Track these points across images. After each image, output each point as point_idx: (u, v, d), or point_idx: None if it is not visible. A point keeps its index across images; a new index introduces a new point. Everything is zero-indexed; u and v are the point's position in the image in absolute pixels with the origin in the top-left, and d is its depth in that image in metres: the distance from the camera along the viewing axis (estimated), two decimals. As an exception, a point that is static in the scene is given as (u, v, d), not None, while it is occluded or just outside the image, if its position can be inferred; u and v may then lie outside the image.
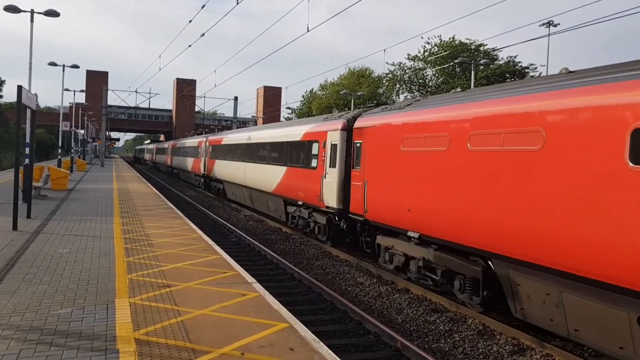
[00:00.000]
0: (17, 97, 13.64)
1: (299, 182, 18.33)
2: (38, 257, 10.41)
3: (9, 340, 5.97)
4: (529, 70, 47.91)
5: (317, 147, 16.89)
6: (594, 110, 7.23)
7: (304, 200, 17.78)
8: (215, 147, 33.08)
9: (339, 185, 15.17)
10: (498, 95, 9.51)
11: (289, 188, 19.22)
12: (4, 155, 63.37)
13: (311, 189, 16.92)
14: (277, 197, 20.82)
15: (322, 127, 17.00)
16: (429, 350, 8.60)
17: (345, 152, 15.23)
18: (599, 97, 7.20)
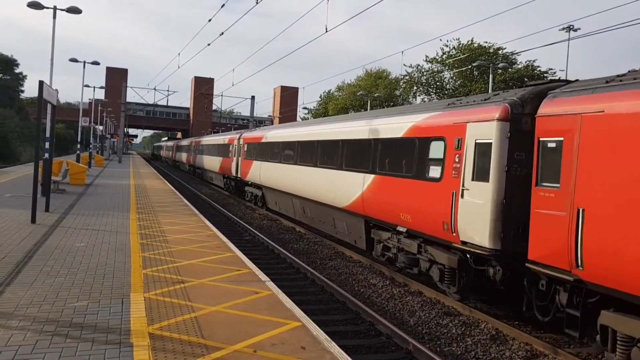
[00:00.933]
0: (38, 92, 13.86)
1: (401, 198, 12.53)
2: (55, 250, 10.57)
3: (25, 331, 6.08)
4: (547, 74, 47.49)
5: (442, 148, 11.15)
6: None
7: (411, 226, 12.12)
8: (253, 146, 27.02)
9: (496, 210, 9.53)
10: None
11: (380, 205, 13.52)
12: (24, 149, 64.28)
13: (430, 210, 11.26)
14: (354, 216, 15.23)
15: (452, 116, 11.21)
16: (441, 353, 8.57)
17: (507, 156, 9.65)
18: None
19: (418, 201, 11.78)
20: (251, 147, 27.40)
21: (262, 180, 24.59)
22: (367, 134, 14.68)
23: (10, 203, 17.18)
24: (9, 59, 75.10)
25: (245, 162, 28.12)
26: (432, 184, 11.33)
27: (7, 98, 70.83)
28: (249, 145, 27.95)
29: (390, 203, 12.97)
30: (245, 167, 28.02)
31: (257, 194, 26.95)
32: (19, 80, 78.33)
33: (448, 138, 11.03)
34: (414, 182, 12.00)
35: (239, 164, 29.58)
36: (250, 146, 27.66)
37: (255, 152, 26.36)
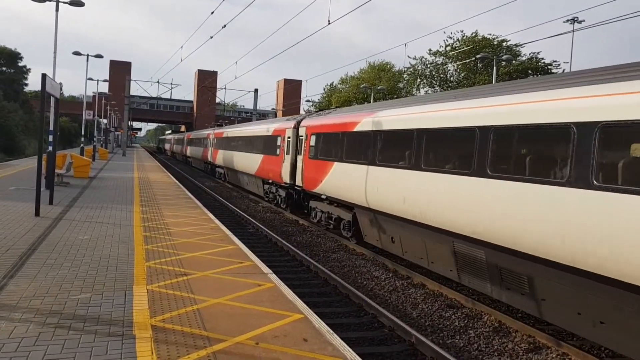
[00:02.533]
0: (41, 85, 13.86)
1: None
2: (59, 243, 10.59)
3: (28, 323, 6.10)
4: (552, 66, 47.23)
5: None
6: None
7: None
8: (333, 138, 16.97)
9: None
10: None
11: None
12: (28, 142, 64.43)
13: None
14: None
15: None
16: (444, 345, 8.57)
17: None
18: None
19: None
20: (327, 140, 17.53)
21: (356, 194, 14.64)
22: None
23: (15, 196, 17.23)
24: (12, 53, 75.17)
25: (313, 164, 18.58)
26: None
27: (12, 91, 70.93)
28: (323, 137, 18.02)
29: None
30: (313, 171, 18.41)
31: (341, 218, 16.81)
32: (23, 74, 78.43)
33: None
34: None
35: (299, 166, 20.11)
36: (324, 139, 17.87)
37: (339, 149, 16.26)
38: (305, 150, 19.33)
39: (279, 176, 22.39)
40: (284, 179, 21.73)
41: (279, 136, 23.14)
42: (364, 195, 14.05)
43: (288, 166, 21.28)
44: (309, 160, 18.90)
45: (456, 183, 10.26)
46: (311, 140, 18.88)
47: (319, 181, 17.66)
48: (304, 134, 19.94)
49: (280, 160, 22.41)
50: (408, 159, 12.22)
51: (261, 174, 25.84)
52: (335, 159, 16.45)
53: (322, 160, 17.61)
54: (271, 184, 24.77)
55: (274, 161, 23.37)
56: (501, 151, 9.32)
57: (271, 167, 23.83)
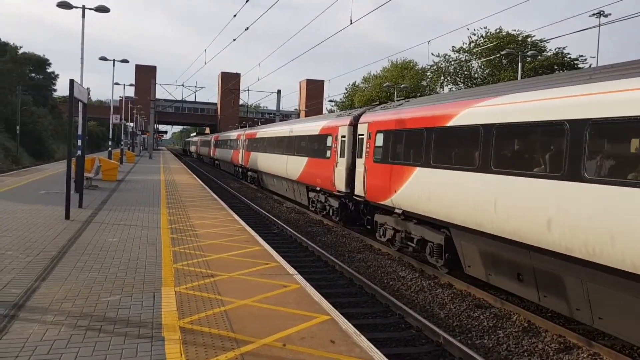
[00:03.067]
0: (69, 91, 14.12)
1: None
2: (89, 245, 10.77)
3: (60, 325, 6.21)
4: (578, 62, 46.40)
5: None
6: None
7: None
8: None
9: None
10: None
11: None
12: (57, 147, 65.74)
13: None
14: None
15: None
16: (472, 346, 8.48)
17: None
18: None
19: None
20: (403, 139, 14.02)
21: (455, 210, 11.12)
22: None
23: (45, 200, 17.58)
24: (41, 59, 76.78)
25: (380, 170, 14.88)
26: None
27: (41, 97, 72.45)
28: (394, 135, 14.44)
29: None
30: (381, 178, 14.82)
31: (426, 240, 12.87)
32: (51, 80, 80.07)
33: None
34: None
35: (360, 172, 16.48)
36: (397, 137, 14.32)
37: (423, 150, 12.63)
38: (369, 153, 15.80)
39: (331, 183, 19.01)
40: (337, 186, 18.38)
41: (329, 135, 19.69)
42: (471, 212, 10.32)
43: (343, 171, 17.85)
44: (374, 164, 15.32)
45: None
46: (377, 140, 15.38)
47: (390, 191, 14.04)
48: (365, 132, 16.41)
49: (332, 164, 18.93)
50: (566, 164, 8.22)
51: (306, 179, 22.35)
52: (416, 163, 12.78)
53: (396, 165, 13.91)
54: (319, 192, 21.23)
55: (324, 165, 19.85)
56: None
57: (319, 172, 20.36)
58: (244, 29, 28.61)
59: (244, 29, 28.61)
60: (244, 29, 28.61)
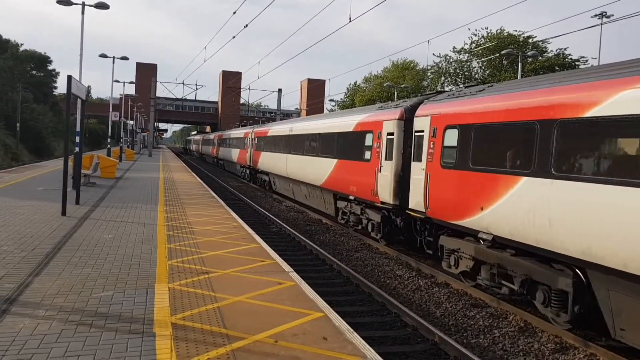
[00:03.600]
0: (67, 87, 14.08)
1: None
2: (84, 241, 10.73)
3: (51, 320, 6.17)
4: (579, 62, 46.33)
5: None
6: None
7: None
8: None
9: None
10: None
11: None
12: (58, 144, 65.73)
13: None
14: None
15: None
16: (468, 345, 8.43)
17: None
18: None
19: None
20: (495, 137, 10.44)
21: (601, 246, 7.56)
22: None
23: (43, 196, 17.54)
24: (42, 57, 76.77)
25: (455, 179, 11.45)
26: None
27: (41, 94, 72.48)
28: (479, 132, 10.81)
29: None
30: (457, 189, 11.40)
31: (538, 282, 9.27)
32: (52, 77, 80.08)
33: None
34: None
35: (418, 179, 13.03)
36: (485, 135, 10.68)
37: (534, 152, 9.10)
38: (433, 155, 12.26)
39: (370, 192, 15.51)
40: (381, 196, 14.84)
41: (368, 132, 16.13)
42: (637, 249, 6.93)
43: (389, 178, 14.40)
44: (443, 170, 11.80)
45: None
46: (447, 138, 11.82)
47: (471, 208, 10.52)
48: (426, 127, 12.77)
49: (373, 169, 15.37)
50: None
51: (333, 185, 18.86)
52: (523, 172, 9.18)
53: (483, 173, 10.33)
54: (351, 202, 17.58)
55: (360, 169, 16.39)
56: None
57: (354, 178, 16.92)
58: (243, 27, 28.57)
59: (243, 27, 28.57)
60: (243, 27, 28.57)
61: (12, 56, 66.16)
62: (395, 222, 14.94)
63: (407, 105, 14.51)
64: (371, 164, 15.64)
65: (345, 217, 18.39)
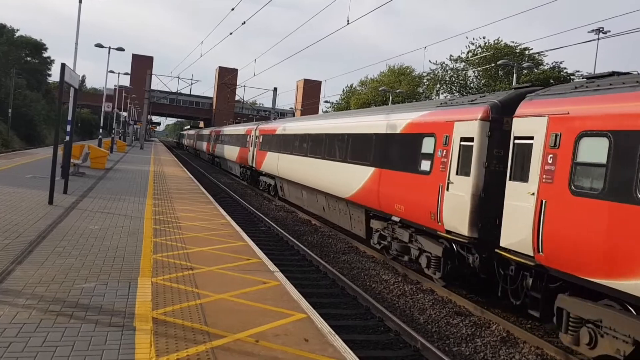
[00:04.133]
0: (60, 75, 13.98)
1: None
2: (69, 231, 10.64)
3: (31, 309, 6.10)
4: (574, 77, 46.64)
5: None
6: None
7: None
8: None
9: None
10: None
11: None
12: (49, 132, 65.27)
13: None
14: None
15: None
16: (449, 353, 8.44)
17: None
18: None
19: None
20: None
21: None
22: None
23: (30, 184, 17.39)
24: (38, 43, 76.26)
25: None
26: None
27: (35, 81, 71.98)
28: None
29: None
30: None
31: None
32: (46, 65, 79.54)
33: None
34: None
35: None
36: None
37: None
38: (556, 173, 8.38)
39: (429, 215, 11.53)
40: (448, 223, 10.91)
41: (427, 136, 12.22)
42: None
43: (465, 199, 10.51)
44: (577, 199, 7.92)
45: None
46: (581, 150, 8.05)
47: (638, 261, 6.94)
48: (539, 132, 8.87)
49: (434, 185, 11.48)
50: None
51: (367, 200, 14.88)
52: None
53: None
54: (393, 223, 13.50)
55: (412, 183, 12.43)
56: None
57: (401, 193, 12.93)
58: (241, 23, 28.50)
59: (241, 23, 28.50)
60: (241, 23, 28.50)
61: (8, 41, 65.65)
62: (463, 259, 10.95)
63: (494, 101, 10.65)
64: (431, 177, 11.64)
65: (384, 242, 14.25)
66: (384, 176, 14.08)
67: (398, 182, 13.29)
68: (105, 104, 45.10)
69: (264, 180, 29.41)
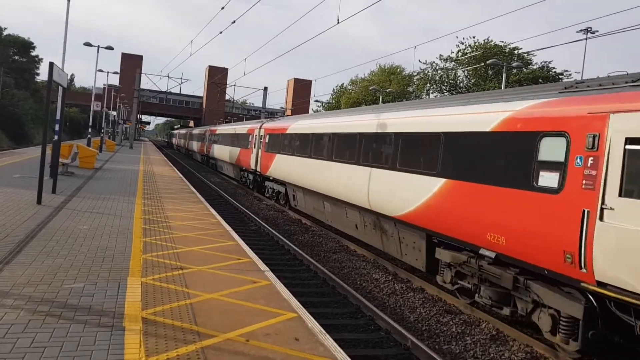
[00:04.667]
0: (48, 74, 13.87)
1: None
2: (58, 231, 10.56)
3: (19, 310, 6.05)
4: (563, 76, 46.98)
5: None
6: None
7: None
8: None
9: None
10: None
11: None
12: (37, 132, 64.77)
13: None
14: None
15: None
16: (439, 351, 8.46)
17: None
18: None
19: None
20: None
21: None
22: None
23: (18, 183, 17.23)
24: (25, 42, 75.72)
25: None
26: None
27: (23, 80, 71.39)
28: None
29: None
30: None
31: None
32: (34, 63, 78.94)
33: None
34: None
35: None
36: None
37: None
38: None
39: (561, 255, 7.65)
40: (601, 271, 7.07)
41: (546, 136, 8.28)
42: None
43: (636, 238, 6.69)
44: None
45: None
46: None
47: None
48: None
49: (569, 208, 7.61)
50: None
51: (431, 222, 11.12)
52: None
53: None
54: (481, 258, 9.60)
55: (523, 204, 8.46)
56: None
57: (499, 218, 8.95)
58: (231, 22, 28.40)
59: (231, 22, 28.40)
60: (231, 22, 28.40)
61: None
62: (618, 324, 7.43)
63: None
64: (564, 197, 7.73)
65: (465, 282, 10.33)
66: (462, 191, 10.13)
67: (491, 200, 9.25)
68: (94, 103, 44.80)
69: (271, 187, 25.62)
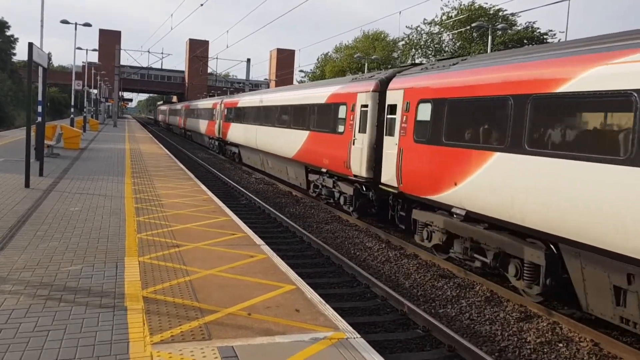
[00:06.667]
0: (28, 55, 13.57)
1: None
2: (49, 214, 10.50)
3: (18, 295, 6.05)
4: (547, 36, 46.88)
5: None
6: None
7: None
8: None
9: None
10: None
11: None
12: (18, 113, 63.67)
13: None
14: None
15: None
16: (435, 315, 8.63)
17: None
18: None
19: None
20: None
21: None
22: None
23: (4, 167, 17.04)
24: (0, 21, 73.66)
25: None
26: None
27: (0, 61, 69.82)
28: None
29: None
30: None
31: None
32: (10, 43, 76.99)
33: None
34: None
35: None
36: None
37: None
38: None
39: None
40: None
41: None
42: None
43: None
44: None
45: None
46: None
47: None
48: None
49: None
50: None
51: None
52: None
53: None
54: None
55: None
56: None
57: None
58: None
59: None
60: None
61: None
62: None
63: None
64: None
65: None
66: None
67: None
68: (75, 82, 44.05)
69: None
